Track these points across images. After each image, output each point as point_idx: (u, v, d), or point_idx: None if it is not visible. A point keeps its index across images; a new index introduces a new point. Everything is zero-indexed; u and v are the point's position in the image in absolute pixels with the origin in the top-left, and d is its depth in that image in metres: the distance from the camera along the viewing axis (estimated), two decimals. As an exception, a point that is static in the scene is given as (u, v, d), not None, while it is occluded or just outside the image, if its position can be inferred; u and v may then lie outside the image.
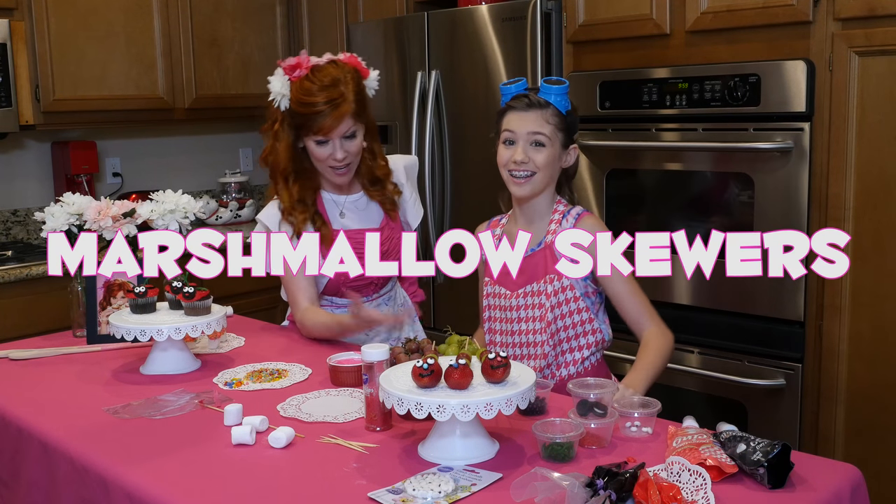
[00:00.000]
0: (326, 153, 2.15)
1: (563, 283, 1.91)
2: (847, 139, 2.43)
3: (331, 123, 2.10)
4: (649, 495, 1.21)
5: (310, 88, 2.11)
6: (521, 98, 1.92)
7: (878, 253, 2.42)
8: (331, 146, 2.14)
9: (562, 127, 1.91)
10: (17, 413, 1.76)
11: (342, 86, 2.12)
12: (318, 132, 2.11)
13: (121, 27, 3.62)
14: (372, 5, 3.86)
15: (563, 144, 1.93)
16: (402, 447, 1.52)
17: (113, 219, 2.22)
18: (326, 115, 2.09)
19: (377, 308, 2.27)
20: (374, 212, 2.31)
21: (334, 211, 2.27)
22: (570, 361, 1.94)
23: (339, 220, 2.26)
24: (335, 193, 2.29)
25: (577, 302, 1.91)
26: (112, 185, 4.00)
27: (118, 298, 2.22)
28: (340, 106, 2.10)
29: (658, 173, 2.82)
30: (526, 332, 1.95)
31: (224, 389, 1.86)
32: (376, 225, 2.29)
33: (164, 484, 1.41)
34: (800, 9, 2.47)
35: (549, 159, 1.91)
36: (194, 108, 3.89)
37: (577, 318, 1.92)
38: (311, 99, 2.10)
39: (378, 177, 2.30)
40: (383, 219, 2.31)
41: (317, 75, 2.13)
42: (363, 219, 2.29)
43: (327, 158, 2.16)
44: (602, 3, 2.91)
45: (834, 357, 2.52)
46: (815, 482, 1.35)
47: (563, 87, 1.91)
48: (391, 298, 2.36)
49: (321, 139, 2.13)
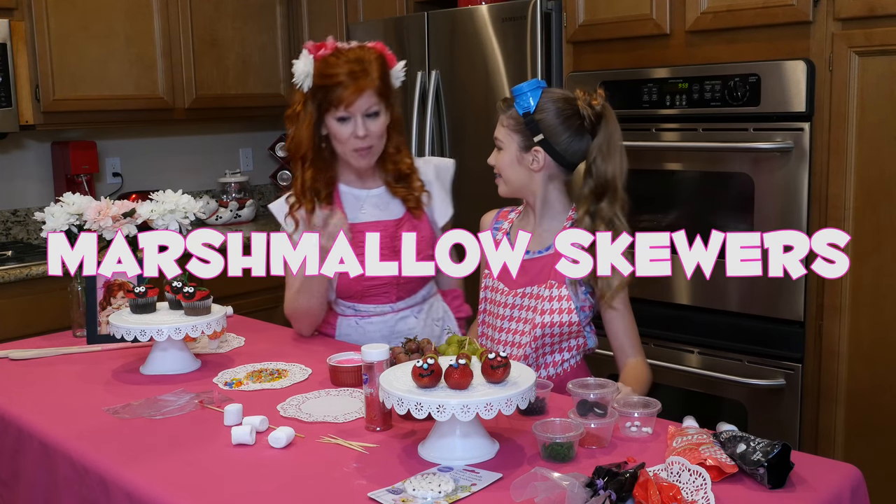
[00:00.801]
0: (348, 131, 2.08)
1: (562, 292, 1.89)
2: (847, 139, 2.43)
3: (351, 94, 2.04)
4: (649, 495, 1.20)
5: (333, 62, 2.06)
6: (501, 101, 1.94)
7: (878, 253, 2.42)
8: (352, 124, 2.08)
9: (516, 129, 1.90)
10: (17, 413, 1.76)
11: (366, 64, 2.07)
12: (338, 105, 2.05)
13: (121, 27, 3.62)
14: (372, 5, 3.87)
15: (522, 147, 1.90)
16: (402, 447, 1.52)
17: (113, 219, 2.22)
18: (347, 86, 2.04)
19: (403, 320, 2.20)
20: (396, 207, 2.22)
21: (354, 205, 2.21)
22: (549, 363, 1.94)
23: (358, 215, 2.19)
24: (357, 187, 2.22)
25: (570, 314, 1.89)
26: (112, 185, 4.00)
27: (118, 298, 2.22)
28: (362, 78, 2.05)
29: (658, 173, 2.82)
30: (512, 332, 1.94)
31: (224, 389, 1.86)
32: (396, 218, 2.21)
33: (164, 484, 1.40)
34: (800, 9, 2.47)
35: (506, 161, 1.92)
36: (194, 108, 3.89)
37: (566, 329, 1.90)
38: (332, 70, 2.05)
39: (403, 172, 2.22)
40: (404, 213, 2.21)
41: (342, 52, 2.09)
42: (382, 213, 2.21)
43: (349, 138, 2.09)
44: (602, 3, 2.91)
45: (834, 357, 2.53)
46: (815, 482, 1.35)
47: (528, 84, 1.88)
48: (422, 311, 2.25)
49: (342, 115, 2.07)
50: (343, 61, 2.06)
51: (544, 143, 1.88)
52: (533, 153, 1.90)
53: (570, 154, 1.90)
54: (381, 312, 2.21)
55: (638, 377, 1.86)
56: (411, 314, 2.22)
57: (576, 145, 1.89)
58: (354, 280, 2.15)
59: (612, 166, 1.86)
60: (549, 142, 1.88)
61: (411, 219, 2.21)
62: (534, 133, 1.88)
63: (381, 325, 2.20)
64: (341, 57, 2.07)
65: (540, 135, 1.88)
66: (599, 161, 1.86)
